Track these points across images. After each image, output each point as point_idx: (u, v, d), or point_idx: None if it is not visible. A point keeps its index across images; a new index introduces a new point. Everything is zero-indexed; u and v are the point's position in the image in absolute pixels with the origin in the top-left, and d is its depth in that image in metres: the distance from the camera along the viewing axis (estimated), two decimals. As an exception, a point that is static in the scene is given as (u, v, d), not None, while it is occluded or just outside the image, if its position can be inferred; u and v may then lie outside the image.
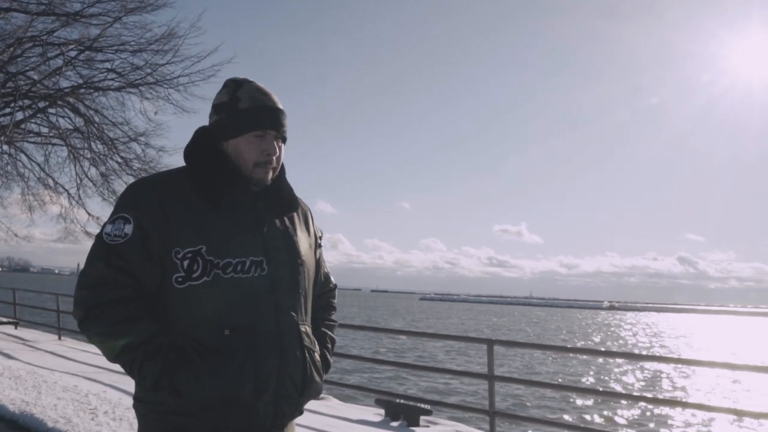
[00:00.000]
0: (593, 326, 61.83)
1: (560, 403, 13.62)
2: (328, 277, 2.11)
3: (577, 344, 34.08)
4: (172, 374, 1.57)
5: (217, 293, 1.63)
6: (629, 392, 15.32)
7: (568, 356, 24.33)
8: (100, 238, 1.66)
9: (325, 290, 2.08)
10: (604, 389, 14.89)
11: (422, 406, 7.33)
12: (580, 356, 24.31)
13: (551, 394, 14.10)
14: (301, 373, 1.74)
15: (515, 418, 8.47)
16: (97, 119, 12.92)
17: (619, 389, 16.47)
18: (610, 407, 13.36)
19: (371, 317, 49.71)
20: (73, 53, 12.05)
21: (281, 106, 1.83)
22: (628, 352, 26.56)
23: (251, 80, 1.83)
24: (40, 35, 11.68)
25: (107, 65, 12.46)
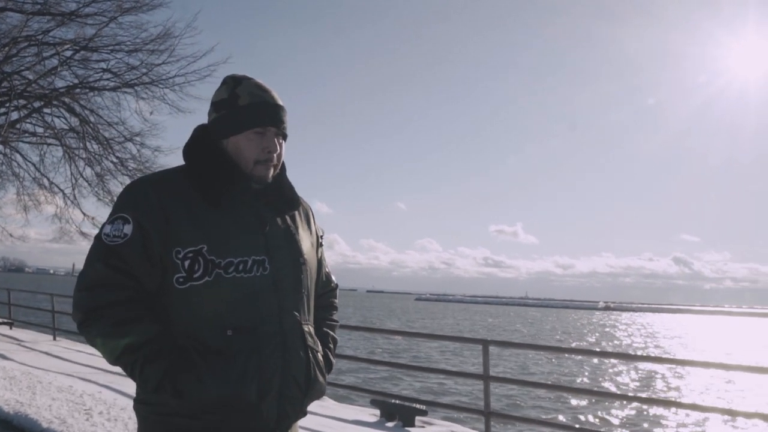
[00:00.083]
0: (588, 327, 61.91)
1: (555, 403, 13.64)
2: (329, 276, 2.09)
3: (572, 345, 34.16)
4: (174, 376, 1.55)
5: (218, 293, 1.61)
6: (624, 392, 15.36)
7: (563, 356, 24.36)
8: (99, 238, 1.64)
9: (326, 290, 2.06)
10: (598, 389, 14.92)
11: (417, 406, 7.33)
12: (575, 357, 24.37)
13: (546, 394, 14.12)
14: (304, 373, 1.72)
15: (510, 418, 8.47)
16: (92, 119, 12.91)
17: (613, 389, 16.50)
18: (604, 407, 13.39)
19: (367, 318, 49.67)
20: (68, 53, 12.04)
21: (281, 102, 1.80)
22: (622, 352, 26.62)
23: (250, 77, 1.81)
24: (35, 35, 11.68)
25: (103, 65, 12.47)
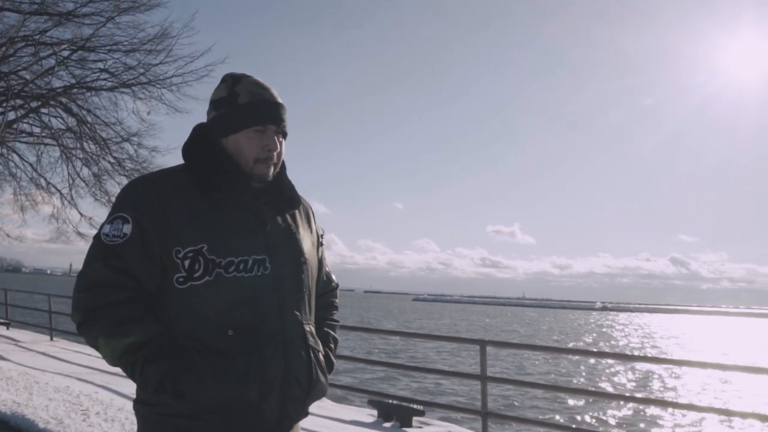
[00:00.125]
0: (585, 327, 61.96)
1: (552, 403, 13.65)
2: (329, 276, 2.06)
3: (569, 345, 34.20)
4: (174, 377, 1.54)
5: (219, 293, 1.59)
6: (620, 393, 15.37)
7: (560, 357, 24.38)
8: (98, 238, 1.62)
9: (326, 290, 2.04)
10: (595, 390, 14.93)
11: (415, 406, 7.34)
12: (571, 357, 24.39)
13: (543, 394, 14.13)
14: (306, 373, 1.70)
15: (508, 418, 8.46)
16: (89, 119, 12.91)
17: (610, 390, 16.52)
18: (601, 408, 13.41)
19: (364, 318, 49.63)
20: (65, 53, 12.05)
21: (281, 100, 1.79)
22: (619, 352, 26.64)
23: (249, 75, 1.79)
24: (32, 35, 11.66)
25: (100, 65, 12.47)
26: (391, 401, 7.65)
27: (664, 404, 12.02)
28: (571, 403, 13.74)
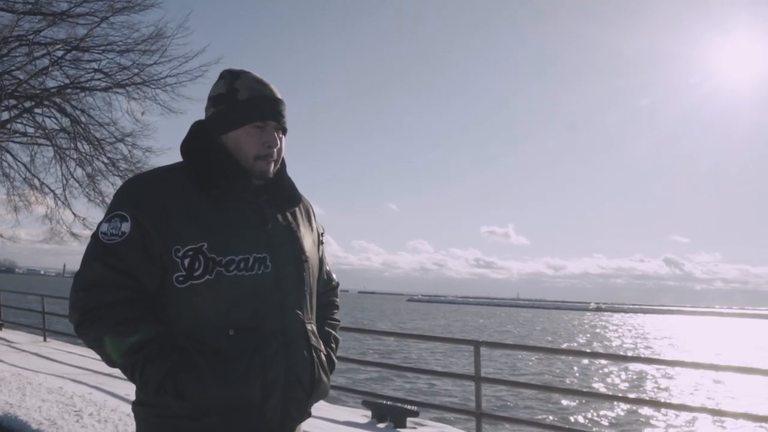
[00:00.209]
0: (579, 328, 62.09)
1: (546, 404, 13.69)
2: (330, 275, 2.04)
3: (562, 345, 34.28)
4: (175, 377, 1.51)
5: (220, 292, 1.57)
6: (614, 393, 15.41)
7: (554, 357, 24.44)
8: (95, 237, 1.59)
9: (327, 288, 2.02)
10: (589, 390, 14.98)
11: (409, 407, 7.35)
12: (565, 357, 24.45)
13: (538, 395, 14.17)
14: (309, 373, 1.68)
15: (501, 419, 8.48)
16: (83, 119, 12.86)
17: (603, 390, 16.57)
18: (594, 408, 13.45)
19: (358, 319, 49.58)
20: (59, 53, 11.99)
21: (281, 96, 1.76)
22: (613, 353, 26.72)
23: (248, 71, 1.77)
24: (26, 35, 11.62)
25: (94, 65, 12.41)
26: (385, 402, 7.67)
27: (656, 405, 12.07)
28: (564, 403, 13.78)
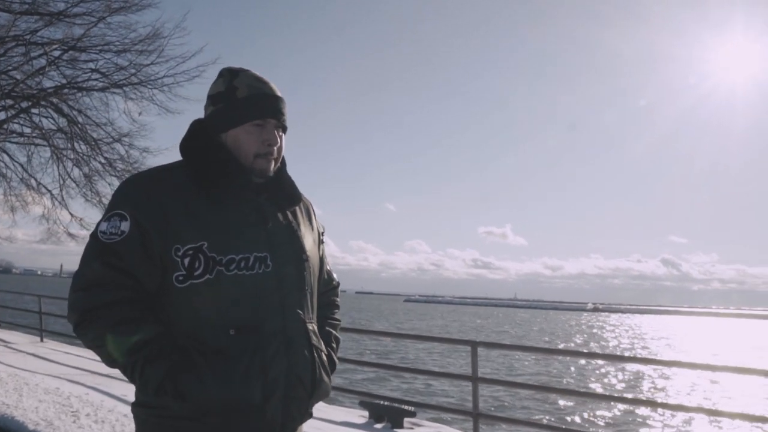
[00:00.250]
0: (577, 328, 62.16)
1: (543, 404, 13.71)
2: (330, 274, 2.03)
3: (559, 346, 34.32)
4: (175, 377, 1.50)
5: (220, 291, 1.56)
6: (611, 393, 15.44)
7: (551, 358, 24.47)
8: (94, 236, 1.57)
9: (328, 288, 2.00)
10: (585, 390, 15.00)
11: (406, 407, 7.34)
12: (562, 358, 24.48)
13: (535, 395, 14.19)
14: (310, 373, 1.67)
15: (498, 419, 8.49)
16: (80, 120, 12.83)
17: (600, 390, 16.60)
18: (592, 408, 13.47)
19: (355, 319, 49.57)
20: (56, 53, 11.96)
21: (280, 94, 1.75)
22: (610, 353, 26.76)
23: (247, 69, 1.76)
24: (23, 35, 11.59)
25: (91, 65, 12.38)
26: (382, 402, 7.66)
27: (653, 405, 12.07)
28: (561, 403, 13.80)
